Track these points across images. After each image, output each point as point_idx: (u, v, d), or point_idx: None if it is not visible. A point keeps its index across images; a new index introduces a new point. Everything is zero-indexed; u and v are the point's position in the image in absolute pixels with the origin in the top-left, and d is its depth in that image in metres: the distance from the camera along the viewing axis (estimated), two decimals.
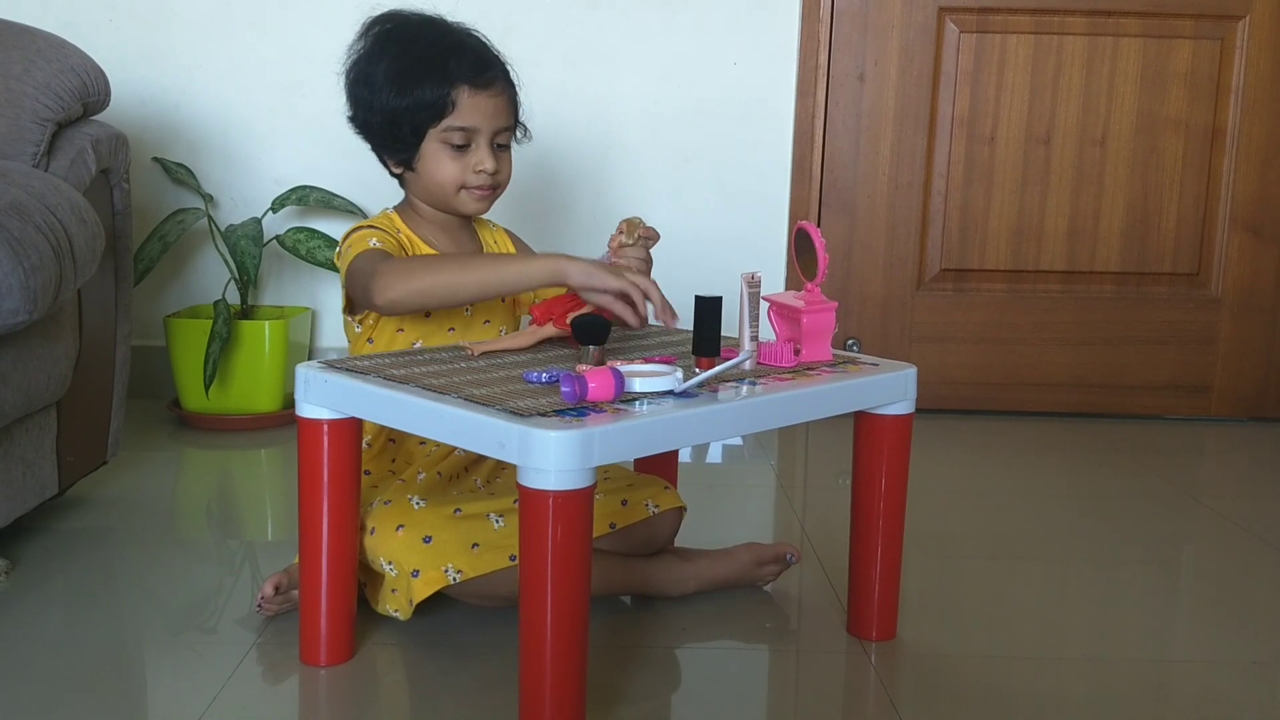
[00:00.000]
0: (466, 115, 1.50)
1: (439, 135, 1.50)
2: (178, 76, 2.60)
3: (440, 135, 1.50)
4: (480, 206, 1.56)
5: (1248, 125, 2.63)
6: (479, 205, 1.56)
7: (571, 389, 1.15)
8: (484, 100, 1.51)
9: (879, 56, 2.62)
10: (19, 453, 1.63)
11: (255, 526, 1.97)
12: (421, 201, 1.58)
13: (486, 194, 1.55)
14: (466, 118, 1.50)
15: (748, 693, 1.37)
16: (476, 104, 1.50)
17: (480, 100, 1.51)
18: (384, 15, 1.55)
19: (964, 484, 2.22)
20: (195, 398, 2.43)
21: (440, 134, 1.50)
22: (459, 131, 1.50)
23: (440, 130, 1.50)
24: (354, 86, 1.53)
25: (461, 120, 1.50)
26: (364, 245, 1.46)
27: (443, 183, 1.52)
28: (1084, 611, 1.62)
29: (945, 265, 2.69)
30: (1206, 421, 2.73)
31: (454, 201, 1.54)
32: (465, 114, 1.50)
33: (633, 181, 2.68)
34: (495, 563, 1.41)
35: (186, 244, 2.64)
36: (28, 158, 1.70)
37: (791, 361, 1.36)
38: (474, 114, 1.50)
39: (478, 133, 1.51)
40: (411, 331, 1.53)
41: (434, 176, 1.52)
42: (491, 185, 1.54)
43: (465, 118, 1.50)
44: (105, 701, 1.28)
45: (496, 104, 1.53)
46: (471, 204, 1.55)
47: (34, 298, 1.45)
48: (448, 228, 1.59)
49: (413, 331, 1.53)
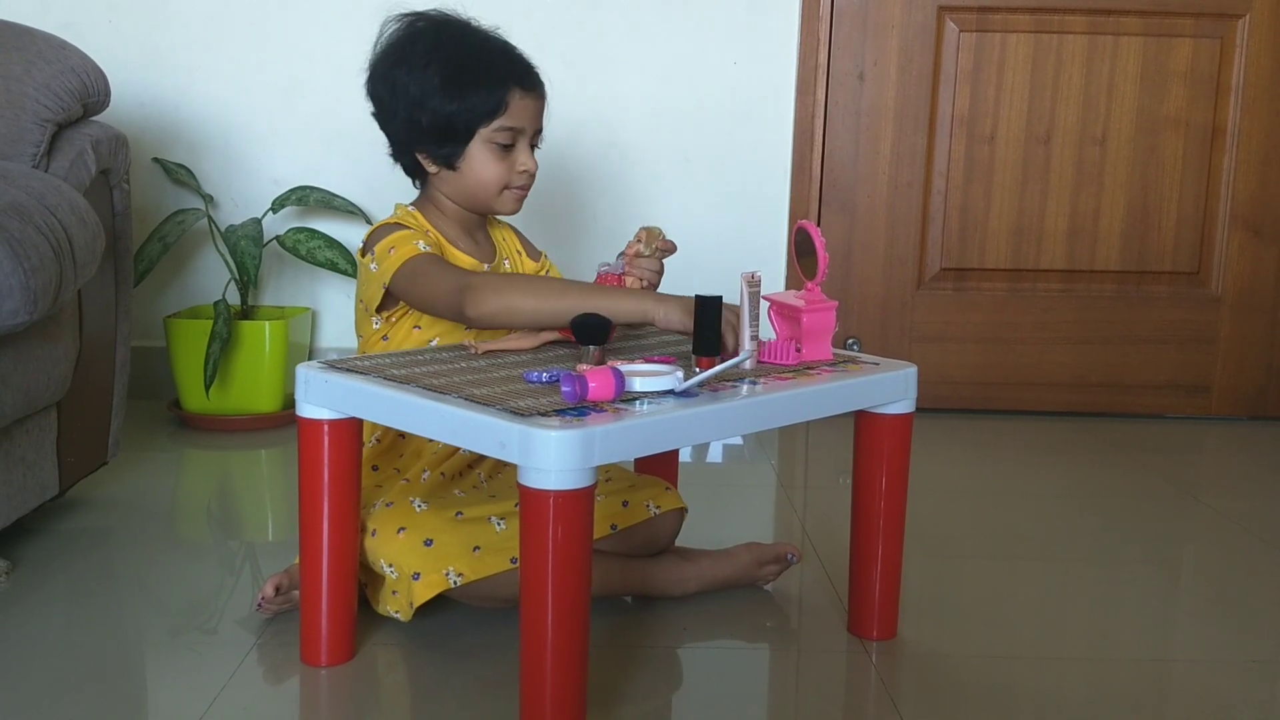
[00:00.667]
0: (516, 116, 1.52)
1: (488, 135, 1.52)
2: (178, 77, 2.60)
3: (490, 135, 1.52)
4: (517, 207, 1.58)
5: (1248, 124, 2.63)
6: (516, 206, 1.58)
7: (572, 389, 1.15)
8: (530, 101, 1.54)
9: (879, 56, 2.62)
10: (19, 453, 1.63)
11: (255, 527, 1.97)
12: (451, 200, 1.58)
13: (524, 194, 1.57)
14: (516, 118, 1.52)
15: (749, 692, 1.37)
16: (525, 105, 1.53)
17: (528, 101, 1.54)
18: (417, 15, 1.56)
19: (964, 483, 2.22)
20: (195, 398, 2.43)
21: (490, 134, 1.52)
22: (507, 131, 1.52)
23: (491, 130, 1.52)
24: (398, 86, 1.52)
25: (511, 121, 1.52)
26: (412, 248, 1.46)
27: (488, 182, 1.54)
28: (1084, 611, 1.62)
29: (945, 264, 2.69)
30: (1206, 420, 2.73)
31: (494, 202, 1.56)
32: (515, 115, 1.52)
33: (633, 181, 2.68)
34: (496, 565, 1.41)
35: (186, 244, 2.64)
36: (28, 158, 1.70)
37: (793, 359, 1.36)
38: (522, 115, 1.53)
39: (522, 133, 1.54)
40: (429, 330, 1.53)
41: (479, 176, 1.53)
42: (528, 185, 1.57)
43: (515, 118, 1.52)
44: (105, 702, 1.28)
45: (538, 105, 1.56)
46: (510, 204, 1.57)
47: (34, 298, 1.45)
48: (468, 226, 1.60)
49: (430, 329, 1.53)
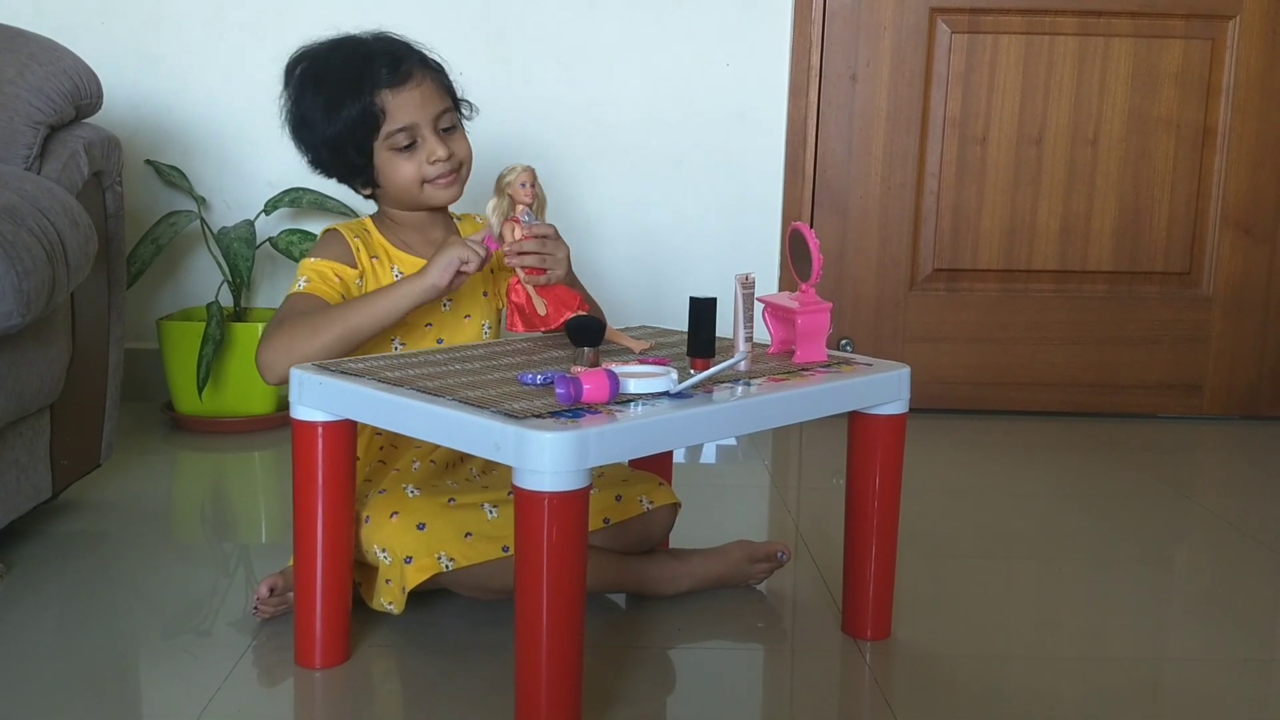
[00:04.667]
0: (399, 115, 1.52)
1: (385, 145, 1.53)
2: (170, 79, 2.60)
3: (386, 144, 1.53)
4: (450, 194, 1.57)
5: (1239, 125, 2.64)
6: (448, 193, 1.57)
7: (566, 390, 1.15)
8: (407, 95, 1.53)
9: (871, 57, 2.62)
10: (13, 456, 1.63)
11: (250, 529, 1.97)
12: (396, 209, 1.60)
13: (450, 179, 1.56)
14: (400, 118, 1.52)
15: (743, 693, 1.37)
16: (402, 101, 1.52)
17: (404, 96, 1.53)
18: (296, 56, 1.59)
19: (957, 483, 2.22)
20: (189, 400, 2.43)
21: (385, 143, 1.53)
22: (400, 133, 1.52)
23: (383, 140, 1.53)
24: (295, 133, 1.58)
25: (396, 122, 1.52)
26: (294, 285, 1.51)
27: (404, 184, 1.54)
28: (1077, 610, 1.63)
29: (938, 265, 2.69)
30: (1199, 420, 2.74)
31: (423, 198, 1.56)
32: (397, 115, 1.52)
33: (626, 183, 2.68)
34: (488, 552, 1.42)
35: (179, 247, 2.64)
36: (20, 161, 1.70)
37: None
38: (405, 111, 1.52)
39: (418, 126, 1.53)
40: (391, 329, 1.53)
41: (395, 181, 1.54)
42: (452, 170, 1.55)
43: (399, 118, 1.52)
44: (100, 704, 1.28)
45: (422, 93, 1.54)
46: (440, 194, 1.56)
47: (27, 301, 1.45)
48: (422, 228, 1.61)
49: (392, 329, 1.53)
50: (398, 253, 1.57)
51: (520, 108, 2.60)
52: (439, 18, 2.57)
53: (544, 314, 1.45)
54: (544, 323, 1.46)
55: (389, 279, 1.54)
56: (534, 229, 1.46)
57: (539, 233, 1.46)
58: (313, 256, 1.55)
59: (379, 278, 1.55)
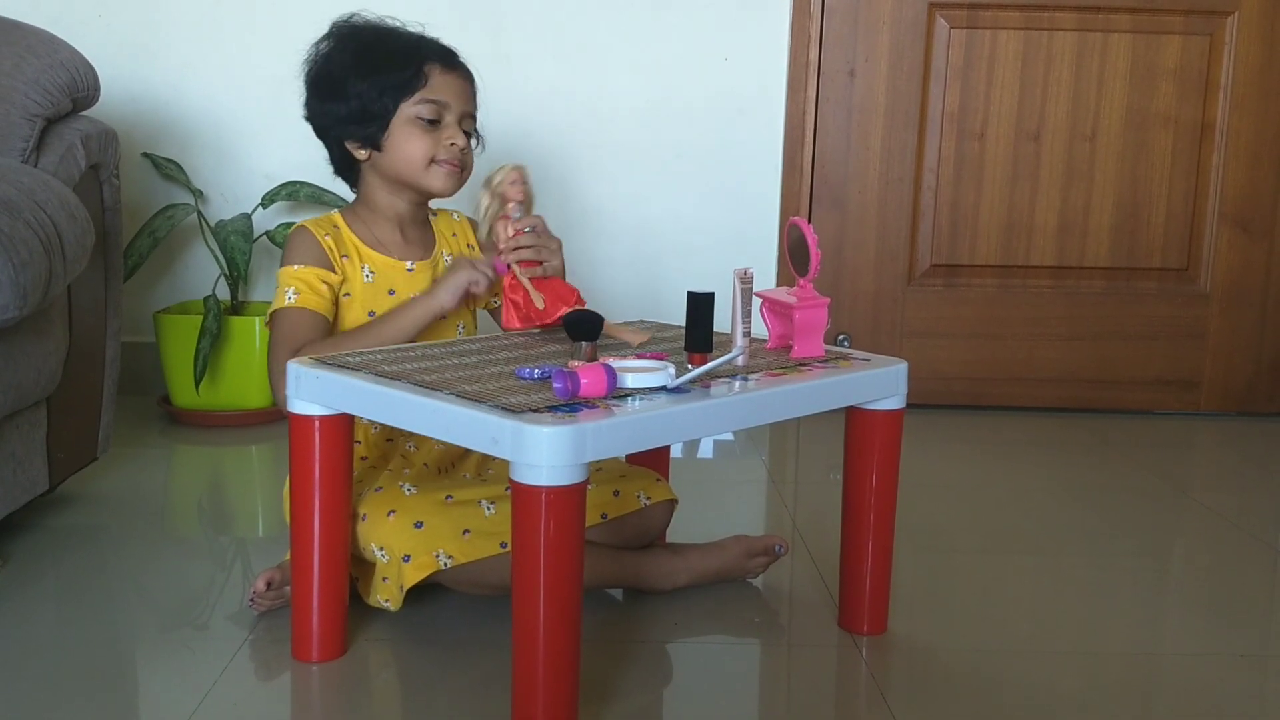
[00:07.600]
0: (437, 90, 1.53)
1: (411, 109, 1.52)
2: (168, 72, 2.59)
3: (412, 109, 1.52)
4: (449, 184, 1.56)
5: (1236, 120, 2.64)
6: (448, 182, 1.55)
7: (564, 385, 1.15)
8: (454, 80, 1.54)
9: (869, 52, 2.62)
10: (9, 449, 1.63)
11: (247, 522, 1.97)
12: (383, 188, 1.57)
13: (455, 169, 1.55)
14: (438, 91, 1.53)
15: (740, 687, 1.37)
16: (448, 81, 1.53)
17: (451, 79, 1.54)
18: (348, 16, 1.58)
19: (954, 478, 2.22)
20: (185, 394, 2.42)
21: (412, 107, 1.52)
22: (430, 105, 1.52)
23: (412, 103, 1.52)
24: (319, 77, 1.55)
25: (433, 94, 1.52)
26: (281, 298, 1.49)
27: (413, 157, 1.53)
28: (1074, 605, 1.63)
29: (936, 261, 2.69)
30: (1195, 416, 2.74)
31: (423, 177, 1.54)
32: (436, 89, 1.53)
33: (624, 178, 2.67)
34: (486, 549, 1.42)
35: (176, 240, 2.63)
36: (17, 153, 1.70)
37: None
38: (445, 90, 1.53)
39: (448, 109, 1.53)
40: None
41: (403, 151, 1.53)
42: (461, 163, 1.55)
43: (436, 92, 1.53)
44: (97, 698, 1.28)
45: (465, 86, 1.56)
46: (440, 180, 1.55)
47: (24, 294, 1.45)
48: (401, 221, 1.59)
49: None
50: (368, 251, 1.55)
51: (518, 101, 2.60)
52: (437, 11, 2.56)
53: (542, 308, 1.46)
54: (541, 317, 1.46)
55: (359, 279, 1.53)
56: (524, 222, 1.49)
57: (530, 225, 1.49)
58: (293, 263, 1.51)
59: (349, 279, 1.53)
